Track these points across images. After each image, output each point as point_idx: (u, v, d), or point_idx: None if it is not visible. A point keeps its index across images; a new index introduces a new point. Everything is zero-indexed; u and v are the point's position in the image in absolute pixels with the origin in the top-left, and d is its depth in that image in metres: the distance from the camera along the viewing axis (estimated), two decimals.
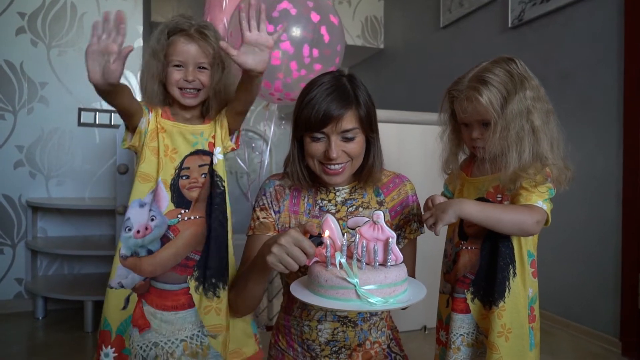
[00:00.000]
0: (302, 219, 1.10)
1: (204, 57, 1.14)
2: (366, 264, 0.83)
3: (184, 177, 1.15)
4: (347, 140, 1.00)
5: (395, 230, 1.10)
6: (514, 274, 1.01)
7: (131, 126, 1.14)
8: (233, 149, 1.24)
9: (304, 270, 1.02)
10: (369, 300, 0.78)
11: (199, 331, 1.15)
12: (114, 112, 2.92)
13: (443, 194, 1.20)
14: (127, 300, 1.13)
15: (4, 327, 2.48)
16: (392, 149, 2.15)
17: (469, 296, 1.06)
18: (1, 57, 2.72)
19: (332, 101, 0.97)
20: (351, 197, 1.11)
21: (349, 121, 0.99)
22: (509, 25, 2.69)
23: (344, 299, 0.79)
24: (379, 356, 1.09)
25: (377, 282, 0.79)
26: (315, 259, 0.86)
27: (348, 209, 1.10)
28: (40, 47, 2.79)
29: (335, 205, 1.10)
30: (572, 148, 1.03)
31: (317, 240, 0.85)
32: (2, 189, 2.72)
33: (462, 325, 1.06)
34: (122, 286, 1.13)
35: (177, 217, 1.14)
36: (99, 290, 2.47)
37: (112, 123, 2.90)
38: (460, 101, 1.02)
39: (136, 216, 1.12)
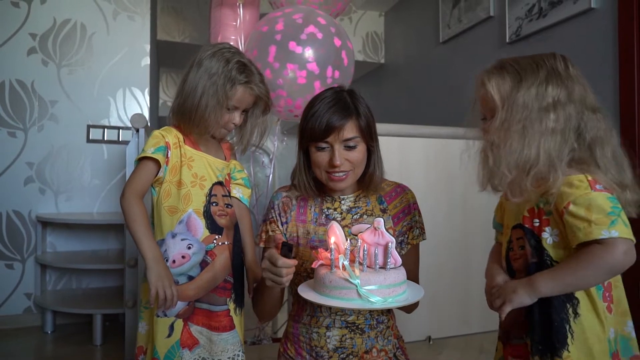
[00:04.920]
0: (310, 227, 1.16)
1: (252, 104, 1.23)
2: (367, 266, 0.88)
3: (214, 204, 1.20)
4: (350, 148, 1.08)
5: (398, 236, 1.16)
6: (576, 313, 0.84)
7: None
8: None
9: (313, 276, 1.08)
10: (369, 299, 0.84)
11: (240, 350, 1.20)
12: (121, 128, 3.00)
13: (496, 232, 1.07)
14: (172, 327, 1.15)
15: (13, 341, 2.51)
16: (394, 162, 2.19)
17: (529, 343, 0.89)
18: (13, 77, 2.80)
19: (334, 113, 1.06)
20: (356, 205, 1.17)
21: (350, 130, 1.07)
22: (507, 40, 2.75)
23: (347, 299, 0.85)
24: None
25: (377, 282, 0.85)
26: (320, 262, 0.93)
27: (353, 216, 1.15)
28: (50, 66, 2.87)
29: (341, 214, 1.16)
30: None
31: (287, 247, 0.94)
32: (13, 205, 2.78)
33: None
34: (165, 315, 1.15)
35: (213, 242, 1.18)
36: (107, 304, 2.51)
37: (120, 139, 2.97)
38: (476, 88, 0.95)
39: (171, 247, 1.15)
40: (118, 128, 2.98)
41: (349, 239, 0.92)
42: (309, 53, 1.93)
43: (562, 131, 0.85)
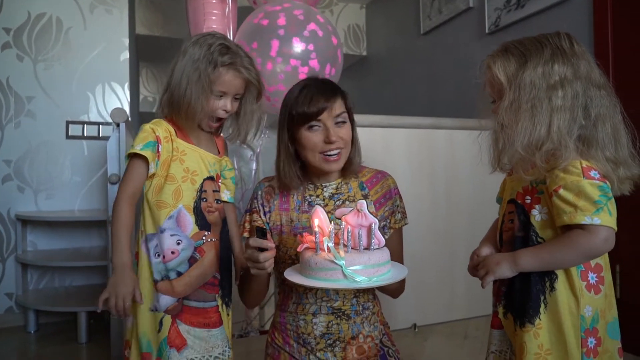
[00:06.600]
0: (293, 214, 1.17)
1: (243, 89, 1.19)
2: (352, 248, 0.90)
3: (204, 200, 1.18)
4: (340, 125, 1.11)
5: (380, 221, 1.17)
6: (552, 287, 0.89)
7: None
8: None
9: (297, 262, 1.09)
10: (354, 279, 0.85)
11: (227, 347, 1.20)
12: (101, 124, 2.95)
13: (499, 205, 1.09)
14: (161, 323, 1.14)
15: None
16: (378, 153, 2.21)
17: (500, 310, 0.97)
18: None
19: (324, 92, 1.10)
20: (338, 191, 1.18)
21: (339, 106, 1.11)
22: (486, 31, 2.78)
23: (333, 279, 0.86)
24: (372, 350, 1.14)
25: (361, 263, 0.87)
26: (305, 245, 0.94)
27: (335, 202, 1.17)
28: (26, 61, 2.81)
29: (323, 200, 1.17)
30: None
31: (260, 231, 0.97)
32: None
33: (494, 342, 0.99)
34: (156, 309, 1.14)
35: (202, 238, 1.17)
36: (91, 302, 2.47)
37: (100, 135, 2.92)
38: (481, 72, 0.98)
39: (161, 242, 1.14)
40: (98, 124, 2.94)
41: (332, 222, 0.93)
42: (311, 50, 1.98)
43: (571, 108, 0.87)
